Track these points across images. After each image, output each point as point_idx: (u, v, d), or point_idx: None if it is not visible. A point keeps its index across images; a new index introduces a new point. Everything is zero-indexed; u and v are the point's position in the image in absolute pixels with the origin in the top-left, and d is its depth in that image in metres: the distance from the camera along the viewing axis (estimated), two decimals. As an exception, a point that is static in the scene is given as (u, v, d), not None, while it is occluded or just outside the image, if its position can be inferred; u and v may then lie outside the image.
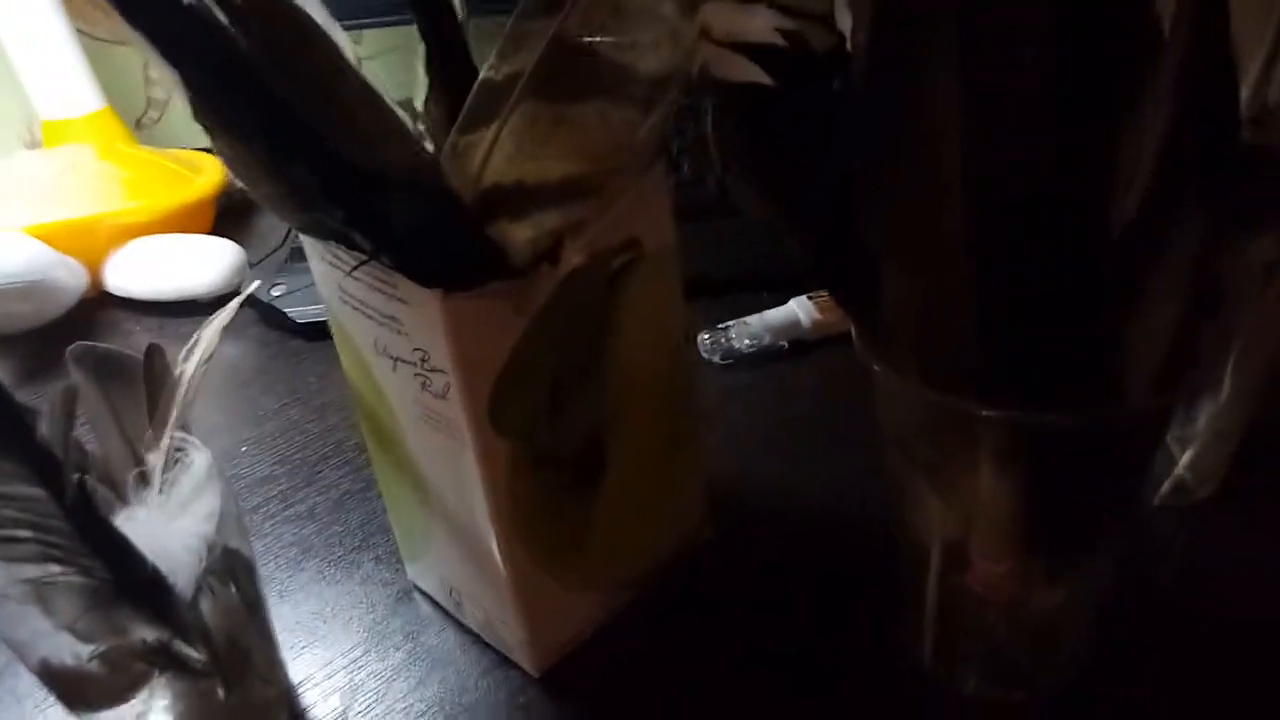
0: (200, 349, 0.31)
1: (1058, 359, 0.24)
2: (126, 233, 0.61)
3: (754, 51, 0.25)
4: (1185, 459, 0.38)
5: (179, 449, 0.28)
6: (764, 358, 0.50)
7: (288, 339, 0.55)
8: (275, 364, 0.53)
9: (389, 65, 0.58)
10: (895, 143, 0.22)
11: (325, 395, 0.50)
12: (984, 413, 0.24)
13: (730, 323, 0.50)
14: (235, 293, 0.59)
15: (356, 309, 0.28)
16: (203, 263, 0.59)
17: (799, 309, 0.50)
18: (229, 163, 0.25)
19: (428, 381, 0.27)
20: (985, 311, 0.23)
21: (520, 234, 0.28)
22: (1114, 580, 0.31)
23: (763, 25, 0.25)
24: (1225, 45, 0.21)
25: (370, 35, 0.66)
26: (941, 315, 0.24)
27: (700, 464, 0.36)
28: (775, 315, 0.50)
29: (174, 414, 0.28)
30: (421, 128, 0.32)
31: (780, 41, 0.25)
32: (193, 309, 0.58)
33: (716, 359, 0.50)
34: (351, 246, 0.26)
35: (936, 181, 0.22)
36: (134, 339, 0.57)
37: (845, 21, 0.26)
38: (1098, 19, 0.23)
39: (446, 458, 0.28)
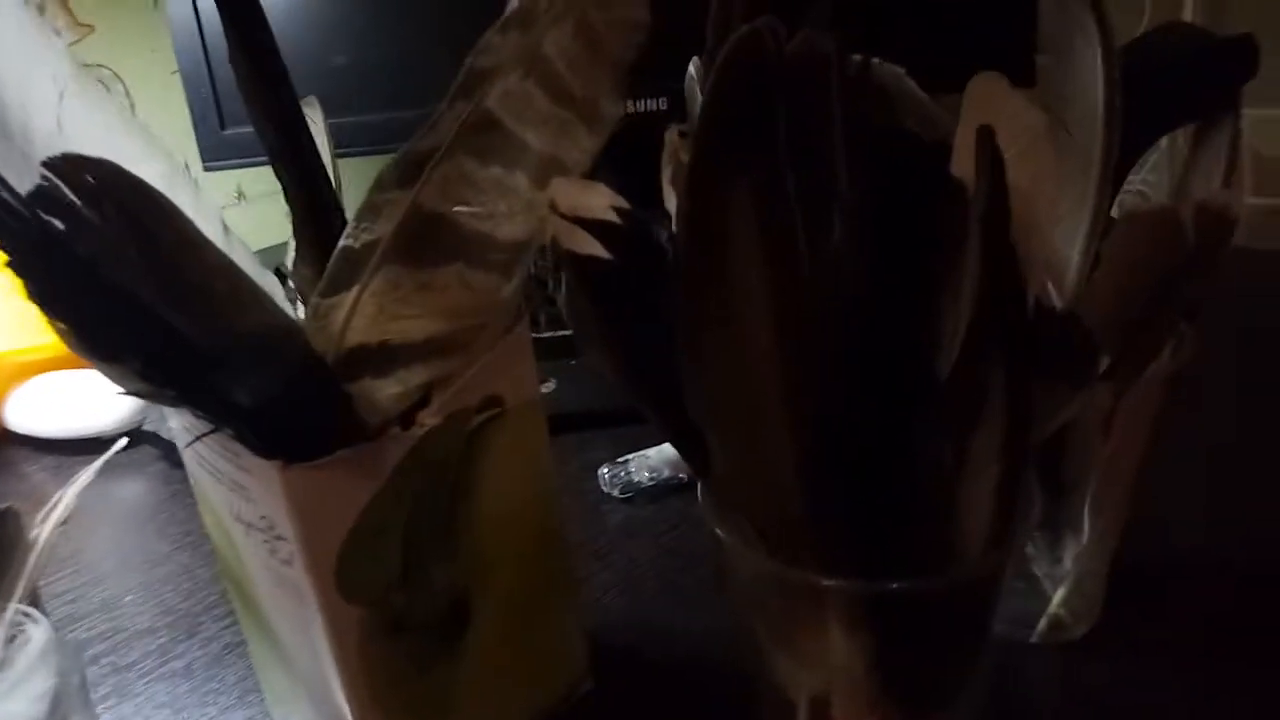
0: (59, 511, 0.30)
1: (889, 525, 0.25)
2: (27, 370, 0.60)
3: (597, 227, 0.27)
4: (1058, 597, 0.38)
5: (18, 624, 0.27)
6: (664, 491, 0.50)
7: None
8: (173, 503, 0.53)
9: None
10: (708, 316, 0.23)
11: (219, 537, 0.49)
12: (824, 582, 0.25)
13: (630, 456, 0.51)
14: (140, 431, 0.59)
15: (209, 472, 0.28)
16: (105, 400, 0.58)
17: (698, 443, 0.51)
18: (59, 334, 0.25)
19: (275, 548, 0.27)
20: (811, 481, 0.24)
21: (385, 391, 0.28)
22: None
23: (601, 203, 0.26)
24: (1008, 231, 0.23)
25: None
26: (770, 486, 0.24)
27: (578, 615, 0.36)
28: (675, 448, 0.51)
29: (20, 586, 0.28)
30: (293, 286, 0.33)
31: (616, 220, 0.26)
32: (95, 447, 0.57)
33: (616, 493, 0.50)
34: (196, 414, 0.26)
35: (750, 354, 0.23)
36: (30, 480, 0.56)
37: (671, 202, 0.28)
38: (900, 197, 0.24)
39: (300, 623, 0.28)
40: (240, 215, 0.90)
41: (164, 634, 0.42)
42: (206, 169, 0.73)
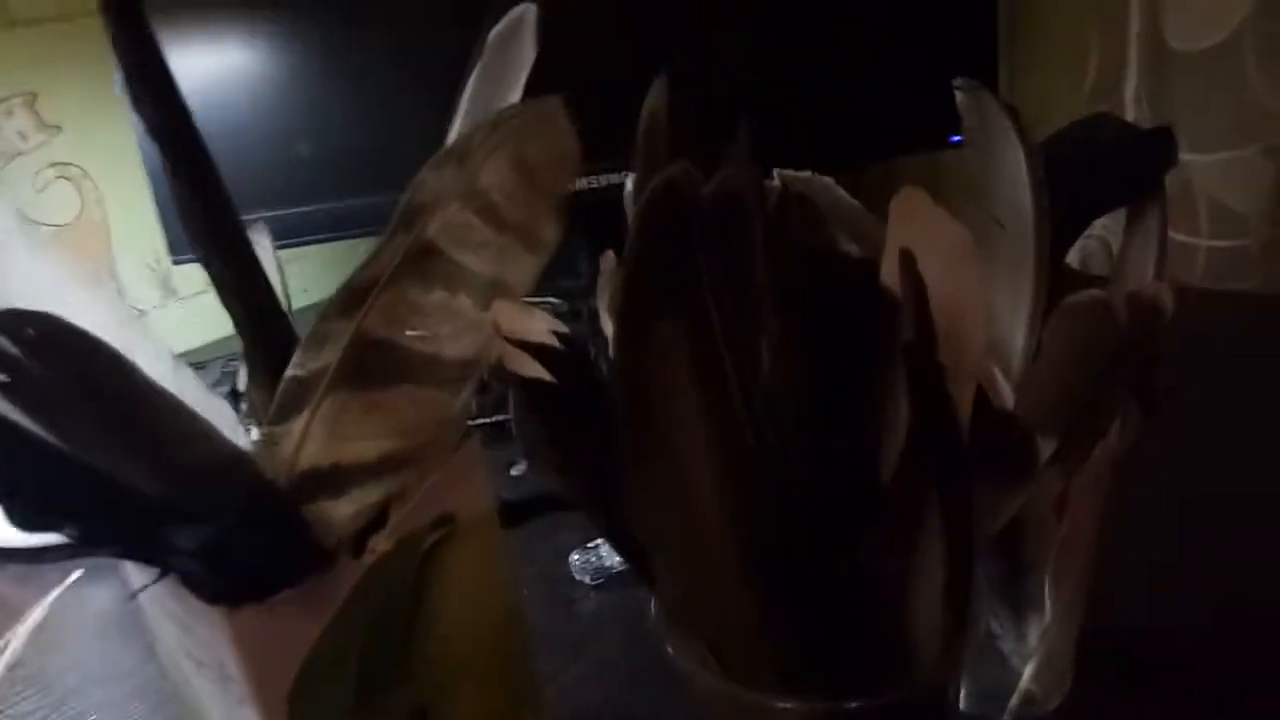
0: (23, 631, 0.30)
1: (842, 641, 0.25)
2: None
3: (538, 350, 0.27)
4: (1028, 673, 0.38)
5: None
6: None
7: (160, 579, 0.54)
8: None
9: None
10: (646, 449, 0.23)
11: (189, 644, 0.48)
12: (779, 704, 0.25)
13: (600, 540, 0.51)
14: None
15: (161, 609, 0.28)
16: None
17: (668, 524, 0.51)
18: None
19: (226, 688, 0.26)
20: (760, 603, 0.24)
21: (340, 511, 0.28)
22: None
23: (540, 328, 0.27)
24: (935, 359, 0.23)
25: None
26: (719, 608, 0.25)
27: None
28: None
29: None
30: (245, 412, 0.33)
31: (556, 344, 0.26)
32: (61, 553, 0.57)
33: (588, 579, 0.50)
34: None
35: (690, 485, 0.23)
36: (-5, 590, 0.56)
37: (609, 328, 0.28)
38: (830, 316, 0.25)
39: (258, 759, 0.28)
40: (213, 300, 0.90)
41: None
42: (175, 263, 0.74)
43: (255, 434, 0.29)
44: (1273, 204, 0.84)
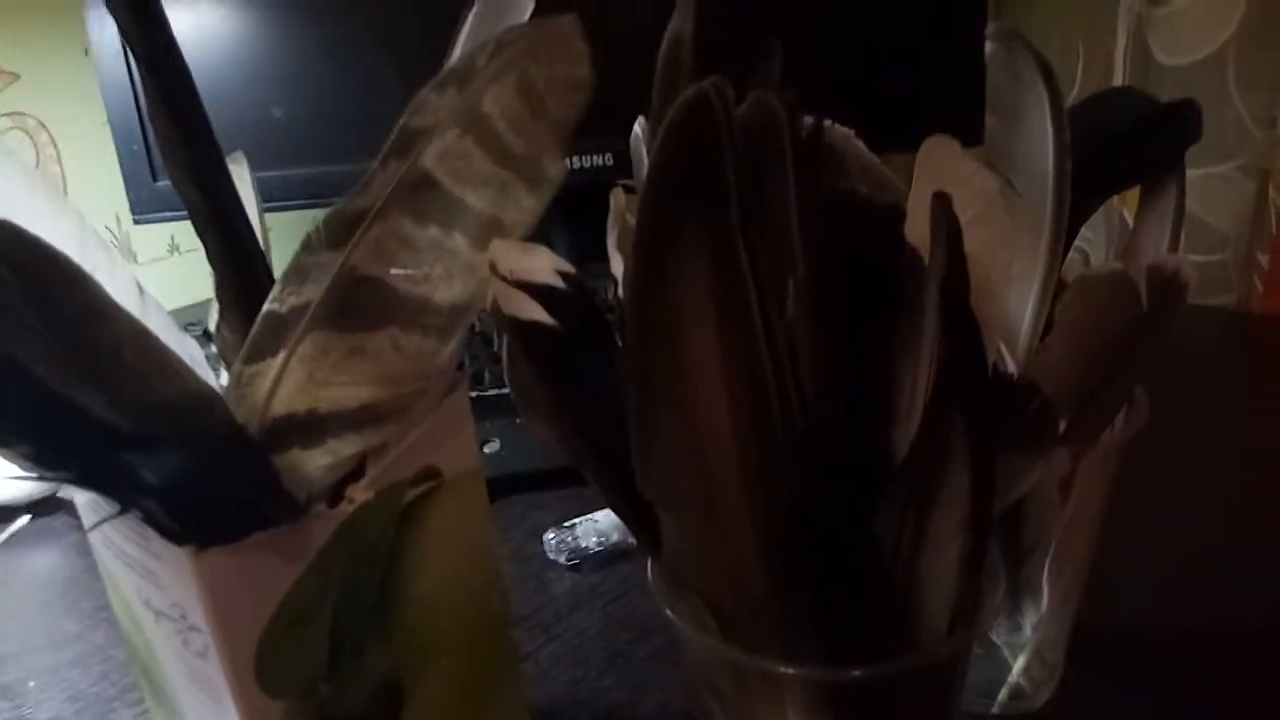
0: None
1: (852, 606, 0.24)
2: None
3: (540, 291, 0.25)
4: (1018, 666, 0.37)
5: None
6: (612, 557, 0.48)
7: (106, 547, 0.51)
8: (88, 576, 0.49)
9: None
10: (659, 392, 0.21)
11: (137, 613, 0.46)
12: (783, 669, 0.23)
13: (577, 520, 0.49)
14: (55, 498, 0.55)
15: (117, 555, 0.26)
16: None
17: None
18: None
19: (188, 639, 0.24)
20: (769, 562, 0.23)
21: (315, 462, 0.26)
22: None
23: (543, 266, 0.25)
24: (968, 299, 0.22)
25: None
26: (726, 567, 0.23)
27: (522, 695, 0.34)
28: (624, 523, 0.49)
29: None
30: (214, 350, 0.31)
31: (560, 284, 0.25)
32: (6, 515, 0.54)
33: (563, 560, 0.48)
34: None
35: (705, 432, 0.22)
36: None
37: (618, 267, 0.27)
38: (854, 265, 0.24)
39: (216, 717, 0.26)
40: (173, 268, 0.87)
41: (69, 723, 0.39)
42: (137, 222, 0.71)
43: (225, 376, 0.27)
44: (1250, 222, 0.85)
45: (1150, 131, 0.33)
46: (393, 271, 0.26)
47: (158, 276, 0.86)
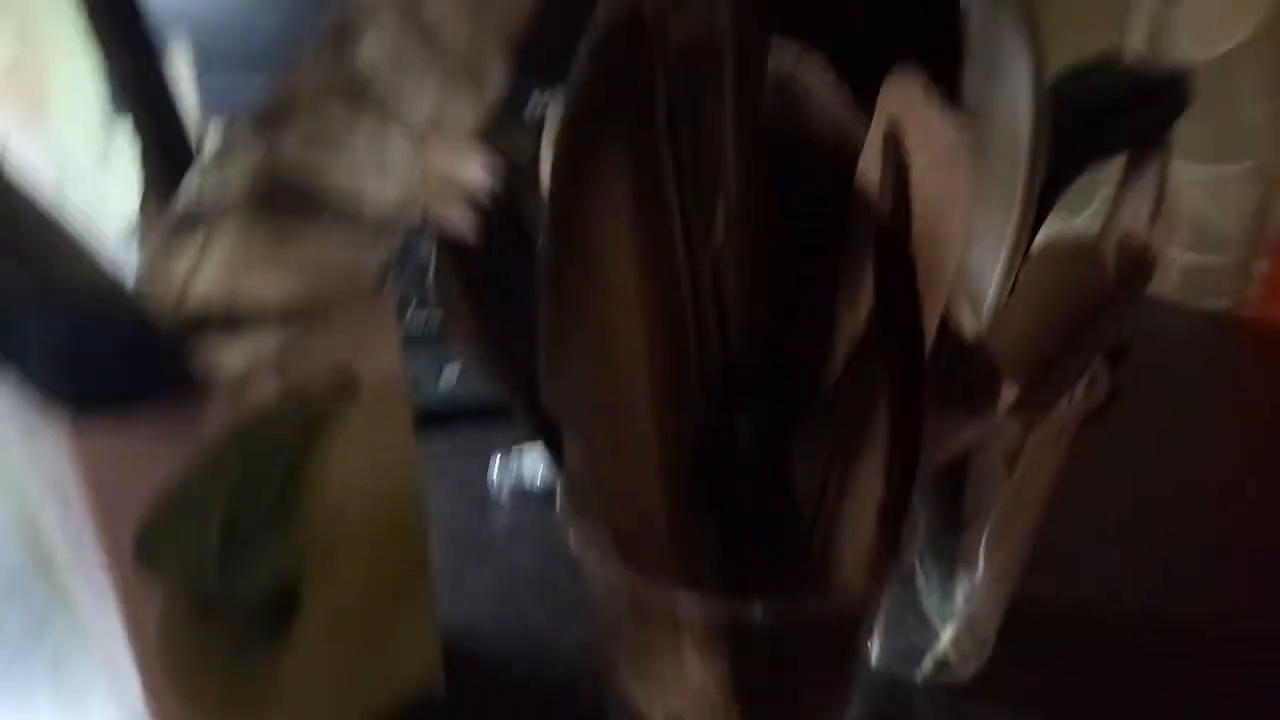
0: None
1: (758, 545, 0.23)
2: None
3: (469, 199, 0.24)
4: (947, 635, 0.37)
5: None
6: (555, 495, 0.47)
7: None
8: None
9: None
10: (574, 305, 0.20)
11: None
12: (681, 602, 0.22)
13: (522, 456, 0.48)
14: None
15: (16, 425, 0.25)
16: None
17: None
18: None
19: (67, 510, 0.23)
20: (675, 491, 0.22)
21: (227, 354, 0.25)
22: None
23: (475, 173, 0.24)
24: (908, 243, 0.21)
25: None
26: (629, 493, 0.22)
27: (432, 615, 0.33)
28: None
29: None
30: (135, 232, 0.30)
31: (488, 193, 0.24)
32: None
33: (504, 493, 0.47)
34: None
35: (618, 351, 0.21)
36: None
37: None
38: (796, 200, 0.22)
39: (95, 598, 0.25)
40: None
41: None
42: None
43: (139, 253, 0.26)
44: (1254, 225, 0.83)
45: (1139, 101, 0.31)
46: (324, 161, 0.24)
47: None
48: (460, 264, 0.25)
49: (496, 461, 0.48)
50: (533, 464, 0.47)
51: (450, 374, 0.54)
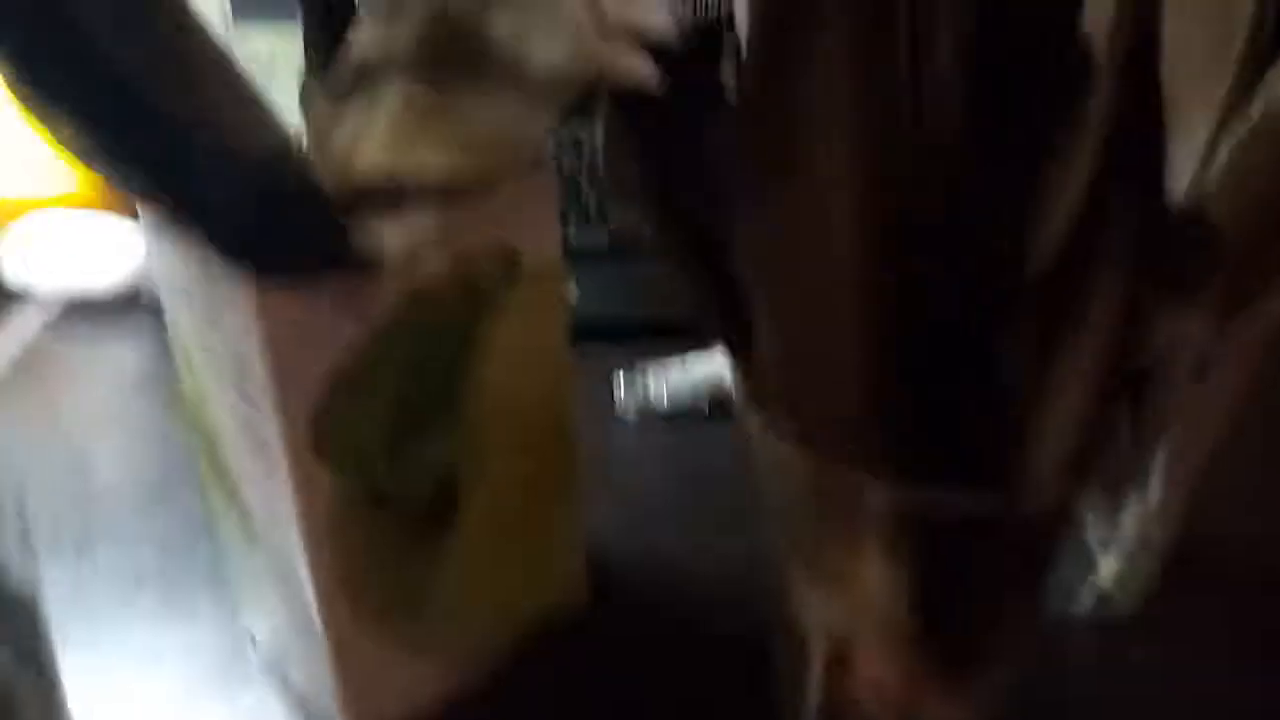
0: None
1: (956, 426, 0.21)
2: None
3: (649, 50, 0.23)
4: (1109, 567, 0.34)
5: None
6: (684, 417, 0.46)
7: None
8: (165, 372, 0.49)
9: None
10: (779, 157, 0.19)
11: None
12: (867, 486, 0.21)
13: (650, 375, 0.47)
14: (136, 294, 0.55)
15: (184, 300, 0.25)
16: (99, 251, 0.54)
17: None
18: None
19: (245, 391, 0.23)
20: (874, 365, 0.20)
21: (389, 232, 0.25)
22: (1018, 701, 0.27)
23: (656, 18, 0.22)
24: (1156, 99, 0.19)
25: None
26: (824, 372, 0.20)
27: (580, 524, 0.32)
28: (700, 368, 0.47)
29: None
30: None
31: (672, 41, 0.22)
32: (87, 311, 0.54)
33: (631, 414, 0.46)
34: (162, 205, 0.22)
35: (824, 205, 0.19)
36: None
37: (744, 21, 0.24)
38: (1022, 39, 0.20)
39: (267, 488, 0.25)
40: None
41: (129, 501, 0.39)
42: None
43: (305, 117, 0.25)
44: None
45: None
46: (492, 18, 0.23)
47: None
48: (634, 118, 0.23)
49: (621, 380, 0.47)
50: (659, 383, 0.46)
51: (570, 291, 0.53)
